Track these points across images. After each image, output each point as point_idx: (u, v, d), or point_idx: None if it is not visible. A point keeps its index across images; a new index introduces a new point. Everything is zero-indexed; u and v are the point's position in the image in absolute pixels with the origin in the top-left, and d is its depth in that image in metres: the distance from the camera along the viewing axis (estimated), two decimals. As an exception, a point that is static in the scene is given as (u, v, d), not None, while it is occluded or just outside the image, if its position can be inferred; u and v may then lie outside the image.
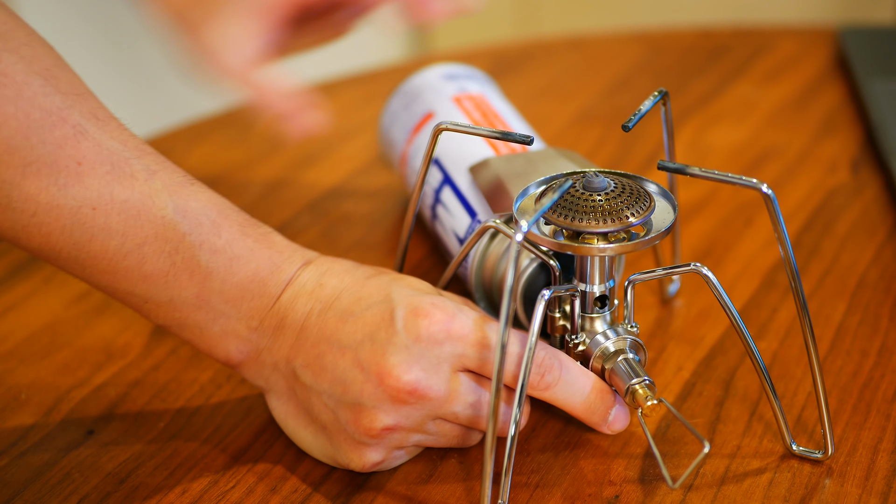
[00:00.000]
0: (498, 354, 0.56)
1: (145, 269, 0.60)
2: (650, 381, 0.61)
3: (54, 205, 0.57)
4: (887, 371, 0.71)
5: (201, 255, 0.60)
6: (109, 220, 0.58)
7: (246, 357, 0.63)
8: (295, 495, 0.63)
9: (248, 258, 0.62)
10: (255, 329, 0.62)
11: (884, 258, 0.81)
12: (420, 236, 0.85)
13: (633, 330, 0.64)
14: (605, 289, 0.63)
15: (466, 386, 0.61)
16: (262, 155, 0.97)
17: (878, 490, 0.62)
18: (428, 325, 0.59)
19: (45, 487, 0.64)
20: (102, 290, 0.61)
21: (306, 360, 0.61)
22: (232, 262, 0.61)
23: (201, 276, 0.61)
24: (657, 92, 0.66)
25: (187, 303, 0.61)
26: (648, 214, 0.61)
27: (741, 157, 0.96)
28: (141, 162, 0.60)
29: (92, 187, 0.58)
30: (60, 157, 0.57)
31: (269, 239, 0.63)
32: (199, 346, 0.63)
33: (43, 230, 0.58)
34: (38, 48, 0.58)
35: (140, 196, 0.59)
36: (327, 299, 0.62)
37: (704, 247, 0.84)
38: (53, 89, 0.57)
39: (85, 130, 0.58)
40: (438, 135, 0.65)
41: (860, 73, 1.03)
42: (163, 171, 0.60)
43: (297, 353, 0.62)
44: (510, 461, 0.60)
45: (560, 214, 0.60)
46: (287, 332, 0.62)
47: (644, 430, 0.61)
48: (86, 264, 0.59)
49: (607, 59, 1.13)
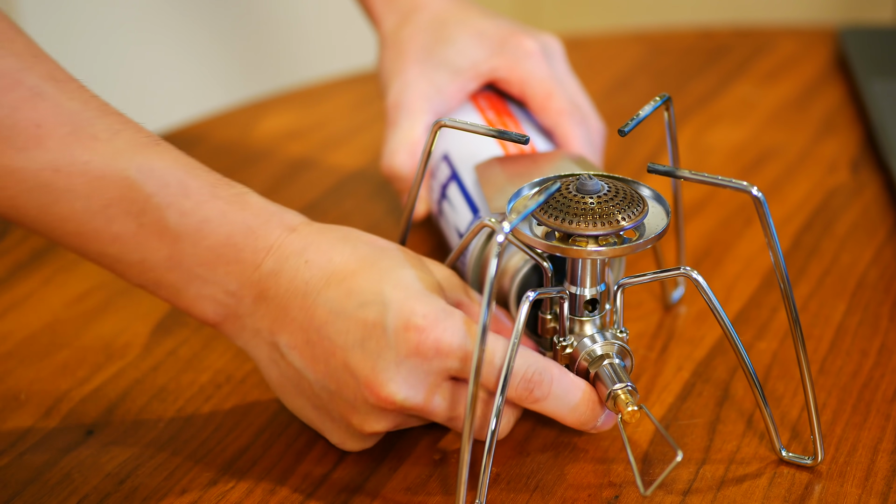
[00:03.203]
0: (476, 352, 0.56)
1: (114, 230, 0.59)
2: (633, 386, 0.61)
3: (15, 167, 0.57)
4: (887, 371, 0.71)
5: (169, 216, 0.59)
6: (72, 181, 0.58)
7: (224, 319, 0.63)
8: (295, 496, 0.63)
9: (220, 221, 0.60)
10: (233, 294, 0.61)
11: (884, 258, 0.81)
12: (421, 236, 0.85)
13: (621, 335, 0.64)
14: (595, 292, 0.63)
15: (455, 395, 0.61)
16: (261, 155, 0.97)
17: (878, 490, 0.62)
18: (418, 341, 0.59)
19: (44, 488, 0.64)
20: (75, 251, 0.61)
21: (293, 342, 0.61)
22: (202, 225, 0.60)
23: (171, 238, 0.60)
24: (658, 97, 0.66)
25: (159, 264, 0.60)
26: (641, 219, 0.60)
27: (741, 158, 0.96)
28: (103, 122, 0.59)
29: (52, 149, 0.57)
30: (18, 121, 0.56)
31: (244, 200, 0.61)
32: (176, 305, 0.62)
33: (7, 193, 0.57)
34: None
35: (102, 157, 0.58)
36: (314, 282, 0.60)
37: (704, 247, 0.84)
38: (7, 52, 0.57)
39: (42, 92, 0.57)
40: (437, 131, 0.66)
41: (860, 73, 1.03)
42: (126, 131, 0.59)
43: (281, 330, 0.61)
44: (489, 458, 0.60)
45: (552, 216, 0.60)
46: (270, 304, 0.61)
47: (622, 436, 0.61)
48: (53, 226, 0.59)
49: (607, 59, 1.13)
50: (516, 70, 0.79)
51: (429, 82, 0.79)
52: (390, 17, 0.83)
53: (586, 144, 0.78)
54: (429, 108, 0.79)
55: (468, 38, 0.80)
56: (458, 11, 0.82)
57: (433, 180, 0.79)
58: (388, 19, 0.83)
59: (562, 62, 0.82)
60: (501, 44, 0.79)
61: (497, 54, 0.79)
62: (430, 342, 0.59)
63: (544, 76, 0.79)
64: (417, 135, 0.78)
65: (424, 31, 0.81)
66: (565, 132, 0.77)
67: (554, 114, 0.78)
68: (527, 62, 0.79)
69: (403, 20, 0.82)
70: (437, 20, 0.81)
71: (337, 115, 1.03)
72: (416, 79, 0.79)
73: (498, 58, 0.79)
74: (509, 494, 0.63)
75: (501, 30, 0.80)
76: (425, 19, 0.81)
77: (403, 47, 0.81)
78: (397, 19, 0.82)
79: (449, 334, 0.59)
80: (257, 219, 0.61)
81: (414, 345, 0.59)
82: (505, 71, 0.79)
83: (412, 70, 0.80)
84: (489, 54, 0.79)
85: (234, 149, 0.98)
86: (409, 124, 0.78)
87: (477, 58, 0.79)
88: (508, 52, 0.79)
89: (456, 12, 0.82)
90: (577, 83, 0.82)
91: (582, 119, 0.78)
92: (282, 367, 0.63)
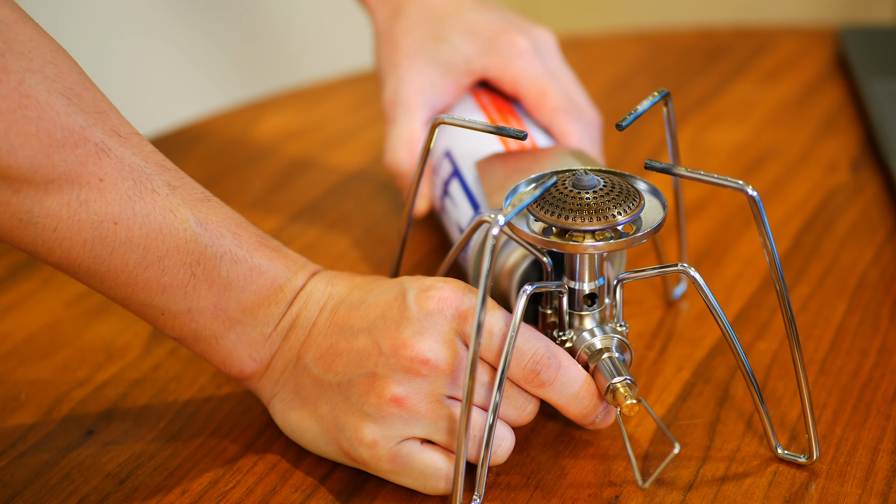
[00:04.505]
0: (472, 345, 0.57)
1: (165, 281, 0.61)
2: (632, 380, 0.61)
3: (76, 219, 0.58)
4: (887, 371, 0.71)
5: (222, 265, 0.62)
6: (131, 233, 0.60)
7: (259, 365, 0.64)
8: (295, 495, 0.63)
9: (267, 267, 0.63)
10: (269, 336, 0.64)
11: (884, 258, 0.81)
12: (422, 236, 0.85)
13: (620, 329, 0.64)
14: (594, 286, 0.63)
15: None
16: (261, 155, 0.97)
17: (878, 490, 0.62)
18: (438, 299, 0.61)
19: (44, 488, 0.64)
20: (119, 301, 0.62)
21: (318, 352, 0.63)
22: (252, 272, 0.63)
23: (221, 285, 0.62)
24: (657, 92, 0.66)
25: (204, 312, 0.62)
26: (637, 213, 0.61)
27: (741, 158, 0.96)
28: (162, 178, 0.61)
29: (114, 202, 0.59)
30: (82, 174, 0.58)
31: (283, 251, 0.65)
32: (213, 357, 0.64)
33: (63, 245, 0.59)
34: (61, 65, 0.59)
35: (161, 210, 0.60)
36: (339, 295, 0.64)
37: (704, 247, 0.84)
38: (76, 108, 0.58)
39: (107, 147, 0.59)
40: (436, 128, 0.66)
41: (860, 73, 1.03)
42: (183, 187, 0.62)
43: (309, 349, 0.63)
44: (487, 451, 0.60)
45: (548, 211, 0.60)
46: (299, 331, 0.63)
47: (621, 430, 0.61)
48: (105, 277, 0.60)
49: (607, 59, 1.13)
50: (509, 69, 0.79)
51: (423, 78, 0.80)
52: (383, 9, 0.83)
53: (584, 140, 0.78)
54: (425, 103, 0.80)
55: (460, 35, 0.80)
56: (449, 4, 0.82)
57: (435, 176, 0.79)
58: (382, 11, 0.84)
59: (555, 56, 0.82)
60: (493, 41, 0.80)
61: (489, 52, 0.79)
62: (450, 301, 0.61)
63: (537, 74, 0.79)
64: (415, 131, 0.79)
65: (417, 25, 0.81)
66: (562, 129, 0.78)
67: (549, 111, 0.78)
68: (519, 61, 0.79)
69: (396, 13, 0.83)
70: (429, 14, 0.81)
71: (337, 115, 1.03)
72: (410, 75, 0.80)
73: (490, 56, 0.79)
74: (509, 494, 0.63)
75: (493, 26, 0.80)
76: (418, 13, 0.82)
77: (397, 42, 0.82)
78: (390, 12, 0.83)
79: (469, 299, 0.61)
80: (295, 264, 0.65)
81: (435, 302, 0.61)
82: (497, 70, 0.79)
83: (406, 66, 0.81)
84: (481, 52, 0.80)
85: (234, 149, 0.98)
86: (407, 121, 0.79)
87: (469, 54, 0.80)
88: (500, 51, 0.79)
89: (448, 5, 0.82)
90: (571, 76, 0.82)
91: (578, 114, 0.78)
92: (305, 385, 0.63)
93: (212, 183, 0.91)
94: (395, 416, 0.61)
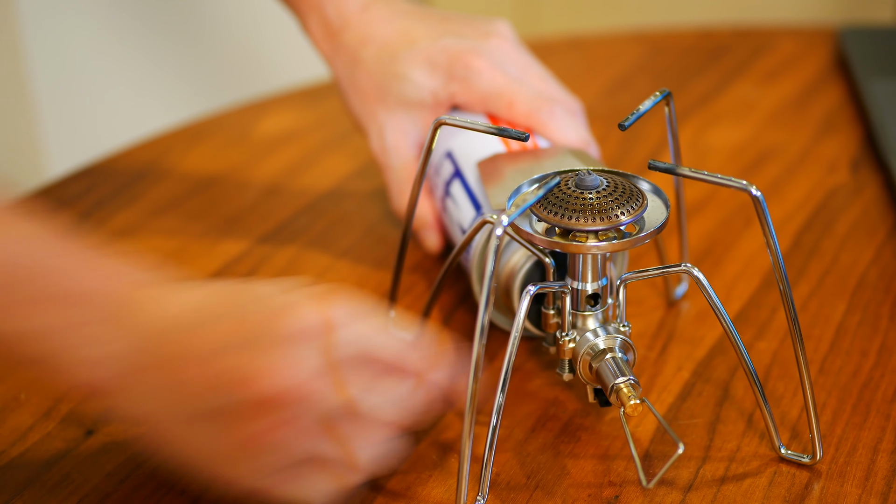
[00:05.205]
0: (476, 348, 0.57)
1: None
2: (635, 380, 0.61)
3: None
4: (887, 371, 0.71)
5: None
6: None
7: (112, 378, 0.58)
8: (295, 495, 0.63)
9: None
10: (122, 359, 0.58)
11: (884, 258, 0.82)
12: (420, 236, 0.85)
13: (623, 329, 0.64)
14: (597, 287, 0.63)
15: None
16: (261, 155, 0.97)
17: (878, 490, 0.62)
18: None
19: (44, 488, 0.64)
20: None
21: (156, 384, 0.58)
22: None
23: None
24: (659, 92, 0.66)
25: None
26: (640, 213, 0.61)
27: (741, 157, 0.96)
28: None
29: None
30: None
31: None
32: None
33: None
34: None
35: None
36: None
37: (704, 247, 0.84)
38: None
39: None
40: (437, 129, 0.66)
41: (860, 73, 1.03)
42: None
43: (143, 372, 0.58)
44: (491, 452, 0.60)
45: (551, 212, 0.60)
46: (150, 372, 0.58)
47: (625, 430, 0.61)
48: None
49: (607, 59, 1.13)
50: (473, 91, 0.79)
51: (402, 118, 0.80)
52: (340, 58, 0.83)
53: (568, 129, 0.77)
54: (413, 143, 0.80)
55: (419, 70, 0.80)
56: (400, 36, 0.81)
57: (437, 178, 0.79)
58: (339, 61, 0.83)
59: (515, 57, 0.81)
60: (451, 70, 0.79)
61: (451, 80, 0.79)
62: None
63: (501, 88, 0.78)
64: (413, 170, 0.79)
65: (375, 69, 0.81)
66: (542, 129, 0.77)
67: (523, 117, 0.78)
68: (479, 81, 0.79)
69: (353, 61, 0.82)
70: (383, 53, 0.81)
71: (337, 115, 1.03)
72: (389, 119, 0.80)
73: (453, 83, 0.79)
74: (509, 494, 0.63)
75: (447, 53, 0.79)
76: (373, 54, 0.81)
77: (363, 90, 0.81)
78: (347, 60, 0.82)
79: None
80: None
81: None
82: (463, 95, 0.79)
83: (383, 111, 0.81)
84: (445, 81, 0.79)
85: (234, 149, 0.98)
86: (402, 164, 0.80)
87: (434, 87, 0.79)
88: (459, 77, 0.79)
89: (399, 37, 0.81)
90: (539, 71, 0.81)
91: (553, 109, 0.78)
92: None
93: (211, 183, 0.92)
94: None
